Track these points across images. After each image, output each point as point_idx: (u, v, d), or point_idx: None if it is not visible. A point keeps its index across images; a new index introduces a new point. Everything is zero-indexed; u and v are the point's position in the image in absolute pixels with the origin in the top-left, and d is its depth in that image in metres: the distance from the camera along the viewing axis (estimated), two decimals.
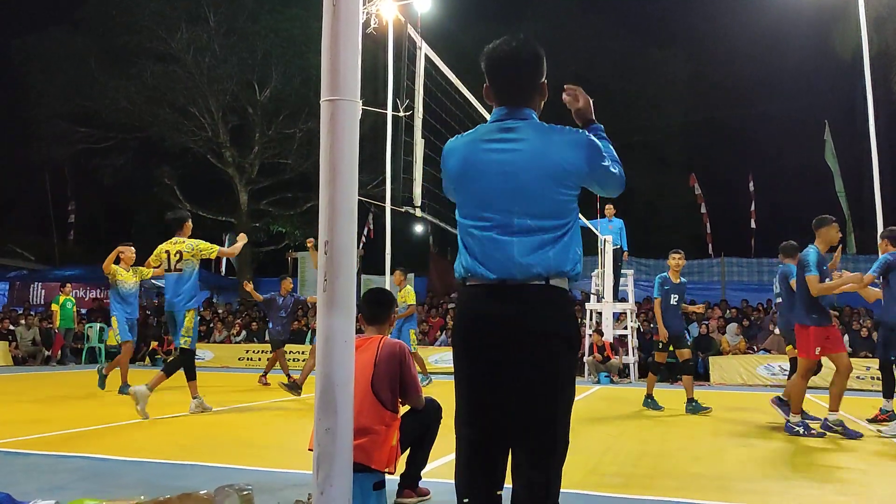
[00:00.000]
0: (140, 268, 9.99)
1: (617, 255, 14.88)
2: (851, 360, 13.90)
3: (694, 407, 8.57)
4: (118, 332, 9.98)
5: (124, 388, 9.39)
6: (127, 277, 10.03)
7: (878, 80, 15.88)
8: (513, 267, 2.43)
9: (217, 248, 8.17)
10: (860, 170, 24.41)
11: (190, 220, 8.46)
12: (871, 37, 15.50)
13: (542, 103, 2.64)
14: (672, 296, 8.85)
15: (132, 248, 10.22)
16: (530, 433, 2.40)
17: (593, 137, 2.53)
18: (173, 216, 8.47)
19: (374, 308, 3.93)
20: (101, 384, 10.08)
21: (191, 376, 7.81)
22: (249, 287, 12.08)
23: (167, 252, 8.00)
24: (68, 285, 17.95)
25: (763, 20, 25.34)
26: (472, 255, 2.55)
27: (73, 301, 17.38)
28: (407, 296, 12.05)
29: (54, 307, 16.92)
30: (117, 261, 9.98)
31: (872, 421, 7.71)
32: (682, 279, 9.05)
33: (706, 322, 15.87)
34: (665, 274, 8.97)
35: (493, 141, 2.50)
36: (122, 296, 10.00)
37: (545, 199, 2.44)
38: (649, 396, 9.02)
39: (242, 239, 9.11)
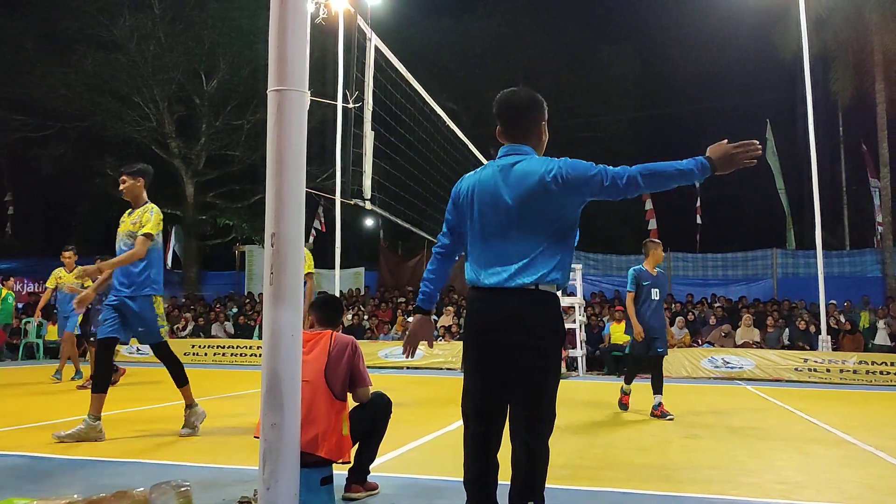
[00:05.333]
0: None
1: None
2: (789, 351, 14.39)
3: None
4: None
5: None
6: None
7: (817, 80, 16.39)
8: None
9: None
10: (800, 167, 25.12)
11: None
12: (811, 38, 15.97)
13: (544, 143, 3.16)
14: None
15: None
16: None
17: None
18: None
19: (330, 311, 4.04)
20: None
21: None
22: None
23: None
24: (11, 279, 17.40)
25: (709, 18, 25.84)
26: None
27: (14, 295, 16.79)
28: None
29: None
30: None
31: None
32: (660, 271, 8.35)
33: None
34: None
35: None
36: None
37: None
38: None
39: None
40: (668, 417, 7.49)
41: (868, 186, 23.13)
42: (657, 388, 7.74)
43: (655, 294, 7.92)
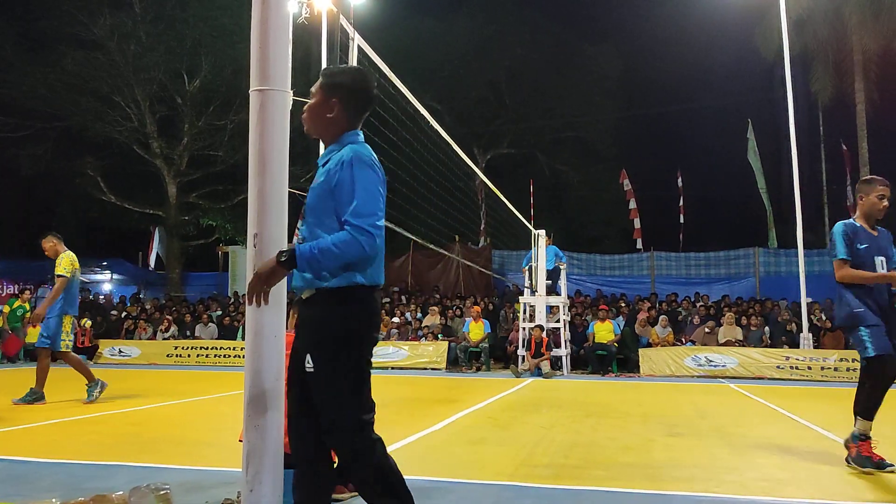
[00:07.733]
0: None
1: (554, 272, 15.40)
2: (772, 349, 14.48)
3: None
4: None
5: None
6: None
7: (797, 80, 16.54)
8: None
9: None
10: (781, 167, 25.35)
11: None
12: (792, 38, 16.11)
13: None
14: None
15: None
16: None
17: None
18: None
19: None
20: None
21: None
22: None
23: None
24: (27, 291, 17.33)
25: (691, 19, 26.05)
26: None
27: (26, 308, 16.57)
28: (61, 267, 8.73)
29: (6, 309, 16.59)
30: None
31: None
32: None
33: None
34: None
35: None
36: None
37: None
38: None
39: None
40: (877, 466, 4.70)
41: (848, 185, 23.37)
42: (868, 412, 4.87)
43: (881, 263, 4.98)
